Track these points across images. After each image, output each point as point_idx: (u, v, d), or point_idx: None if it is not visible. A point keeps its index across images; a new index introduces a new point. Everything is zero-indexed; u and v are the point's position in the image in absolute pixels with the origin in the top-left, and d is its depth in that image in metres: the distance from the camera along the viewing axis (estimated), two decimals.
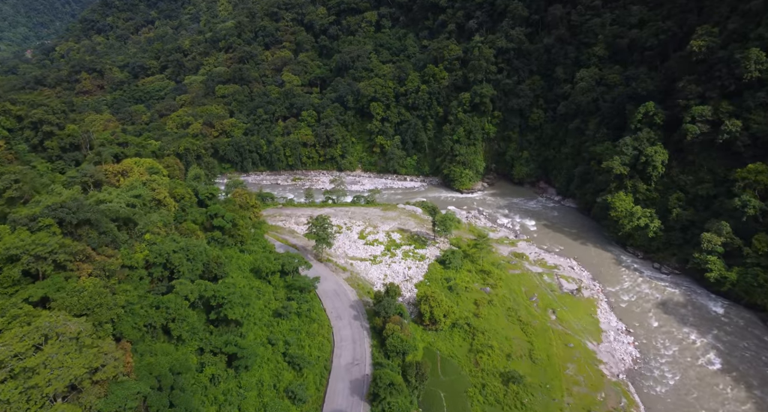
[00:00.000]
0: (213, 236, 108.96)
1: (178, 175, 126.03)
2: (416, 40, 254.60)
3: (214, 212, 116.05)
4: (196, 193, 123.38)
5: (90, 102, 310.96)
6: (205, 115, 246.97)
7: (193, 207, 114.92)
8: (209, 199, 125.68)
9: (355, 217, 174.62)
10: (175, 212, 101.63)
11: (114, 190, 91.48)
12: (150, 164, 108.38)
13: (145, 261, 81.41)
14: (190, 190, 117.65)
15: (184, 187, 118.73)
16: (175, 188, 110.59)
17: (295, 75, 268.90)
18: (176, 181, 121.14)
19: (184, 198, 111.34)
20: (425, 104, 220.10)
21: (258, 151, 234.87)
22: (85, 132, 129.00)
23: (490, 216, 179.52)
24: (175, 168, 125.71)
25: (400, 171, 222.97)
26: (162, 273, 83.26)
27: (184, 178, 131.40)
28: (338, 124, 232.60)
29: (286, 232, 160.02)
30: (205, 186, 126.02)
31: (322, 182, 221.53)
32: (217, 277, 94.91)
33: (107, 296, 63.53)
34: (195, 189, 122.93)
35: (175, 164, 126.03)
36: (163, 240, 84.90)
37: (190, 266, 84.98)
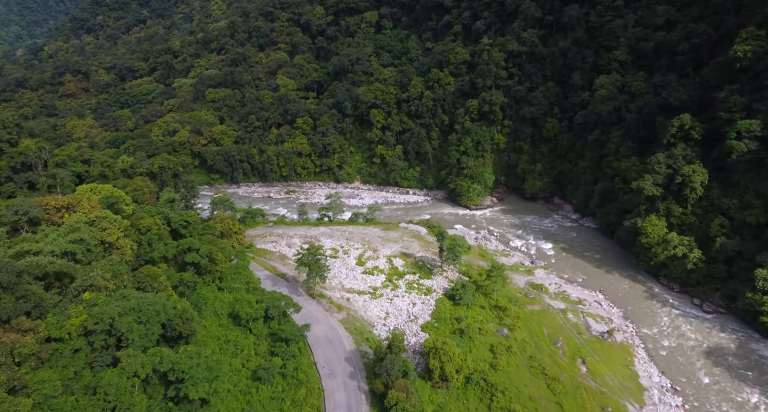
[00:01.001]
0: (183, 279, 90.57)
1: (149, 199, 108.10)
2: (419, 42, 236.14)
3: (187, 246, 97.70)
4: (168, 221, 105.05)
5: (73, 106, 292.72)
6: (193, 122, 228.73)
7: (162, 240, 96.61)
8: (184, 227, 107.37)
9: (353, 238, 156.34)
10: (134, 253, 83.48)
11: (53, 230, 73.41)
12: (109, 192, 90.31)
13: (83, 328, 63.11)
14: (160, 219, 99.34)
15: (153, 215, 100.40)
16: (140, 219, 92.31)
17: (290, 79, 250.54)
18: (144, 208, 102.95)
19: (151, 230, 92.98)
20: (429, 112, 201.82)
21: (249, 161, 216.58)
22: (40, 149, 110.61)
23: (502, 237, 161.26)
24: (144, 191, 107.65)
25: (402, 184, 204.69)
26: (106, 341, 64.93)
27: (156, 203, 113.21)
28: (336, 132, 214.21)
29: (276, 257, 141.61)
30: (179, 212, 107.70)
31: (317, 195, 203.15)
32: (182, 335, 76.62)
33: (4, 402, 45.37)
34: (167, 217, 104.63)
35: (144, 187, 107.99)
36: (108, 299, 66.63)
37: (143, 330, 66.70)
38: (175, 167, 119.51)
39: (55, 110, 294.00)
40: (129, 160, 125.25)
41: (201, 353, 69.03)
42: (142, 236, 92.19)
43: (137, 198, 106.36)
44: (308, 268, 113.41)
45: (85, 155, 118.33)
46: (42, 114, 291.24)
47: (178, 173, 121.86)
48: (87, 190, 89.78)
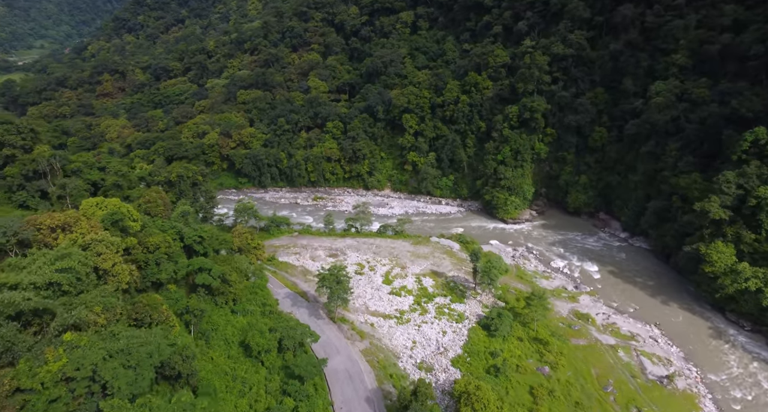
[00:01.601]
0: (189, 307, 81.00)
1: (162, 212, 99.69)
2: (456, 43, 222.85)
3: (198, 267, 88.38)
4: (182, 236, 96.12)
5: (109, 105, 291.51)
6: (223, 124, 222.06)
7: (173, 259, 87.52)
8: (198, 242, 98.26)
9: (380, 252, 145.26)
10: (134, 278, 74.41)
11: (41, 255, 64.84)
12: (115, 207, 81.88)
13: (62, 374, 53.94)
14: (171, 235, 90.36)
15: (165, 230, 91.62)
16: (149, 237, 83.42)
17: (322, 80, 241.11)
18: (156, 223, 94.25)
19: (160, 248, 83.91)
20: (465, 118, 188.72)
21: (277, 166, 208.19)
22: (53, 156, 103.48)
23: (542, 256, 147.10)
24: (157, 203, 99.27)
25: (434, 193, 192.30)
26: (90, 387, 55.62)
27: (171, 215, 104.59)
28: (366, 137, 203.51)
29: (298, 273, 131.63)
30: (194, 226, 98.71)
31: (346, 203, 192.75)
32: (182, 375, 66.94)
33: None
34: (180, 232, 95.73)
35: (158, 198, 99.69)
36: (93, 339, 57.30)
37: (132, 376, 57.08)
38: (194, 176, 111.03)
39: (92, 109, 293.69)
40: (148, 168, 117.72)
41: (197, 405, 59.04)
42: (149, 254, 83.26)
43: (150, 211, 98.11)
44: (329, 290, 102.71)
45: (102, 162, 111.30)
46: (79, 113, 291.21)
47: (197, 182, 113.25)
48: (93, 205, 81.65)
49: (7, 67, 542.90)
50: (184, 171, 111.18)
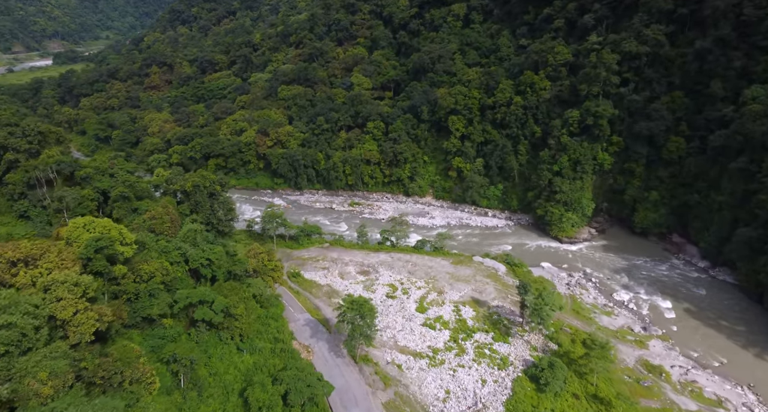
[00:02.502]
0: (175, 356, 67.19)
1: (168, 229, 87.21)
2: (512, 38, 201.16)
3: (198, 299, 74.80)
4: (186, 259, 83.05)
5: (154, 98, 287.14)
6: (261, 121, 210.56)
7: (173, 288, 74.47)
8: (206, 266, 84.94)
9: (416, 272, 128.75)
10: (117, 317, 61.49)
11: None
12: (104, 228, 69.46)
13: None
14: (175, 258, 77.34)
15: (168, 252, 78.76)
16: (142, 264, 70.59)
17: (365, 76, 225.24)
18: (160, 244, 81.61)
19: (155, 277, 70.86)
20: (518, 121, 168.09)
21: (314, 167, 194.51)
22: (57, 163, 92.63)
23: (602, 285, 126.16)
24: (163, 220, 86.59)
25: (480, 203, 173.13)
26: None
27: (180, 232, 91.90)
28: (409, 139, 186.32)
29: (323, 294, 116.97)
30: (203, 247, 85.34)
31: (383, 211, 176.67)
32: None
33: None
34: (185, 254, 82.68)
35: (165, 214, 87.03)
36: None
37: None
38: (211, 186, 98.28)
39: (139, 102, 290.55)
40: (165, 175, 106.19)
41: None
42: (143, 284, 70.35)
43: (155, 228, 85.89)
44: (351, 326, 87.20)
45: (114, 168, 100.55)
46: (127, 105, 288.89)
47: (214, 192, 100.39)
48: (80, 226, 69.63)
49: (73, 57, 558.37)
50: (200, 180, 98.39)
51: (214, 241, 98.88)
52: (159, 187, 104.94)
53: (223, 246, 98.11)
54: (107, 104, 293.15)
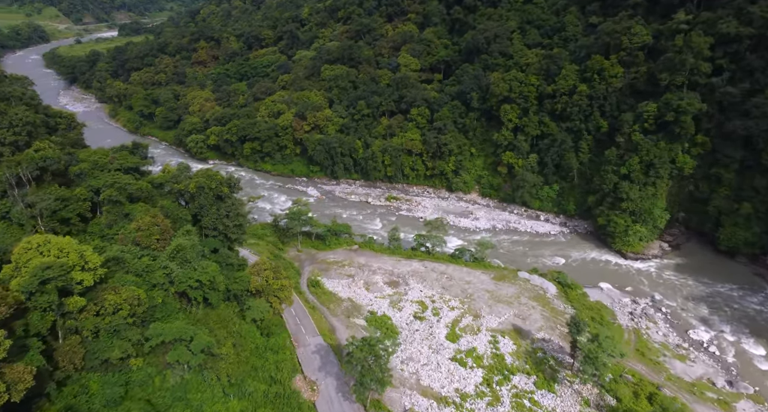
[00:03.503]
0: None
1: (155, 243, 74.44)
2: (581, 16, 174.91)
3: (173, 337, 62.03)
4: (172, 280, 70.49)
5: (199, 75, 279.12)
6: (300, 103, 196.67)
7: (147, 320, 62.17)
8: (196, 288, 72.04)
9: (451, 287, 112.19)
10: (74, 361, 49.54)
11: None
12: (60, 250, 57.43)
13: None
14: (154, 281, 64.88)
15: (146, 274, 66.40)
16: (106, 294, 58.46)
17: (413, 57, 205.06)
18: (141, 262, 69.44)
19: (121, 310, 58.67)
20: (581, 114, 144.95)
21: (352, 155, 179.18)
22: (44, 159, 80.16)
23: (675, 317, 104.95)
24: (151, 232, 73.97)
25: (531, 204, 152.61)
26: None
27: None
28: (455, 129, 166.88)
29: (342, 310, 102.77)
30: (196, 265, 72.49)
31: (423, 208, 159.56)
32: None
33: None
34: (170, 276, 70.10)
35: (153, 225, 74.15)
36: None
37: None
38: (218, 187, 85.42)
39: (185, 78, 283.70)
40: (171, 171, 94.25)
41: None
42: (106, 318, 58.28)
43: (141, 242, 73.92)
44: (360, 368, 72.37)
45: (114, 163, 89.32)
46: (173, 81, 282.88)
47: (221, 195, 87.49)
48: (32, 247, 58.07)
49: (137, 29, 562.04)
50: (205, 180, 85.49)
51: (218, 251, 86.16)
52: (162, 186, 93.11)
53: (226, 258, 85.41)
54: (155, 79, 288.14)
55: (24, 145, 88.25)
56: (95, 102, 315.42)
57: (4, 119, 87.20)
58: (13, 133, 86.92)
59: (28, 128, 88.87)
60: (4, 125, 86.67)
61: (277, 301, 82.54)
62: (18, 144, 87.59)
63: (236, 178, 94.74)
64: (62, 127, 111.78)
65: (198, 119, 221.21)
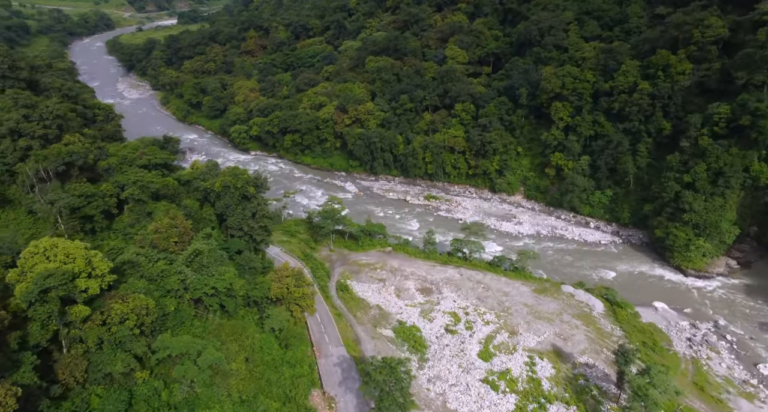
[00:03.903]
0: None
1: (174, 245, 71.08)
2: (646, 6, 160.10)
3: (180, 351, 58.38)
4: (186, 287, 67.10)
5: (247, 65, 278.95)
6: (342, 96, 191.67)
7: (156, 330, 58.96)
8: (212, 295, 68.37)
9: (486, 299, 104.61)
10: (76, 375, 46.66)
11: None
12: (66, 256, 54.53)
13: None
14: (169, 287, 61.57)
15: (161, 280, 63.18)
16: (114, 303, 55.40)
17: (461, 48, 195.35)
18: (156, 267, 66.39)
19: (127, 321, 55.53)
20: (641, 113, 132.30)
21: (392, 151, 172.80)
22: (69, 154, 78.28)
23: (742, 347, 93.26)
24: (170, 234, 70.54)
25: (581, 210, 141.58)
26: None
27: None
28: (501, 127, 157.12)
29: (370, 318, 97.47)
30: (210, 271, 68.87)
31: (463, 209, 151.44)
32: None
33: None
34: (185, 283, 66.65)
35: (171, 226, 70.64)
36: None
37: None
38: (244, 187, 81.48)
39: (233, 67, 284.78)
40: (200, 168, 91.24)
41: None
42: (114, 327, 55.24)
43: (158, 244, 70.85)
44: (380, 392, 66.69)
45: (143, 159, 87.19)
46: (222, 70, 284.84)
47: (247, 194, 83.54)
48: (39, 251, 55.52)
49: (194, 17, 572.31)
50: (231, 180, 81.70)
51: (242, 252, 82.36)
52: (189, 183, 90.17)
53: (249, 261, 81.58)
54: (204, 68, 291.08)
55: (54, 138, 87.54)
56: (149, 89, 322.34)
57: (35, 112, 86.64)
58: (43, 127, 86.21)
59: (58, 122, 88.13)
60: (35, 118, 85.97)
61: (298, 309, 77.97)
62: (48, 137, 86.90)
63: (263, 178, 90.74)
64: (100, 119, 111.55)
65: (242, 109, 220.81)
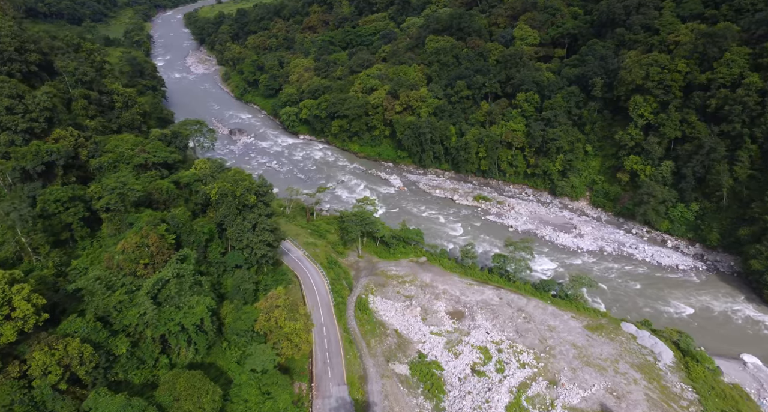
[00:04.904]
0: None
1: (141, 268, 61.33)
2: None
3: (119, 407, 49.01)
4: (147, 322, 57.65)
5: (306, 41, 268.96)
6: (395, 79, 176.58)
7: (104, 382, 50.06)
8: (177, 333, 58.67)
9: (527, 333, 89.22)
10: None
11: None
12: None
13: None
14: (128, 322, 52.62)
15: (114, 315, 54.19)
16: (35, 349, 46.88)
17: (533, 28, 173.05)
18: (113, 298, 57.28)
19: (49, 374, 46.85)
20: (746, 113, 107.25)
21: (443, 143, 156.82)
22: (48, 152, 70.03)
23: None
24: (141, 255, 60.48)
25: (657, 225, 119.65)
26: None
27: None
28: (568, 121, 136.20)
29: (384, 349, 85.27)
30: (177, 303, 58.89)
31: (515, 215, 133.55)
32: None
33: None
34: (145, 316, 57.32)
35: (138, 248, 60.28)
36: None
37: None
38: (244, 195, 70.74)
39: (293, 43, 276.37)
40: (204, 168, 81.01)
41: None
42: (34, 383, 46.73)
43: (124, 267, 61.28)
44: None
45: (141, 156, 78.55)
46: (282, 47, 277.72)
47: (246, 204, 72.89)
48: None
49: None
50: (230, 186, 71.46)
51: (241, 267, 72.31)
52: (188, 186, 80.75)
53: (241, 282, 71.28)
54: (266, 44, 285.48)
55: (41, 132, 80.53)
56: (215, 64, 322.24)
57: (20, 104, 79.09)
58: (29, 120, 78.84)
59: (46, 114, 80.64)
60: (19, 111, 78.37)
61: (289, 346, 66.94)
62: (34, 131, 79.75)
63: (268, 185, 79.15)
64: (118, 105, 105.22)
65: (294, 90, 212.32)
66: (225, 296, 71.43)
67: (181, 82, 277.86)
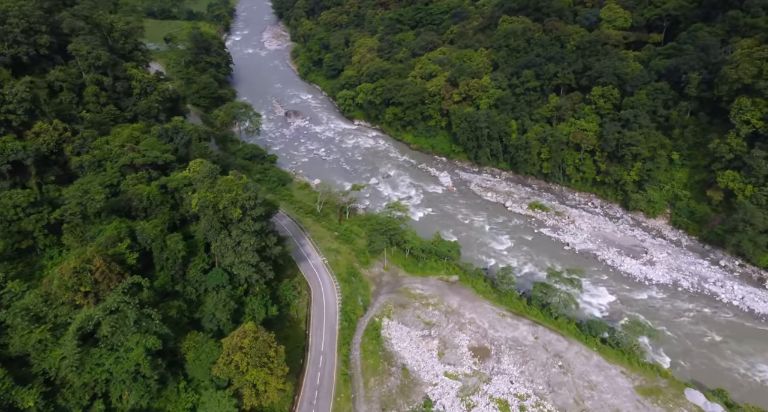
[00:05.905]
0: None
1: (80, 297, 53.21)
2: None
3: None
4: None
5: (375, 19, 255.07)
6: (458, 65, 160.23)
7: None
8: (105, 381, 51.19)
9: (561, 386, 74.72)
10: None
11: None
12: None
13: None
14: (8, 385, 45.82)
15: (32, 363, 47.36)
16: None
17: (626, 8, 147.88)
18: (39, 332, 49.96)
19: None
20: None
21: (502, 140, 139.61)
22: (17, 149, 63.59)
23: None
24: (80, 280, 51.78)
25: (753, 258, 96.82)
26: None
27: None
28: (651, 124, 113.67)
29: (384, 392, 74.51)
30: (108, 345, 51.11)
31: (575, 230, 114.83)
32: None
33: None
34: (66, 363, 50.09)
35: (76, 276, 51.61)
36: None
37: None
38: (228, 208, 61.09)
39: (363, 20, 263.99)
40: (197, 169, 71.78)
41: None
42: None
43: (59, 296, 53.02)
44: None
45: (128, 156, 71.17)
46: (352, 24, 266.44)
47: (232, 219, 63.46)
48: None
49: None
50: (212, 198, 62.67)
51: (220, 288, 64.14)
52: (176, 192, 72.72)
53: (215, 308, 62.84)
54: (337, 20, 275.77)
55: (20, 125, 75.24)
56: (288, 40, 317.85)
57: None
58: (6, 111, 73.36)
59: (25, 105, 74.73)
60: None
61: (252, 395, 57.25)
62: (11, 124, 74.72)
63: (262, 200, 68.66)
64: (136, 92, 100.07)
65: (354, 72, 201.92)
66: (201, 321, 64.17)
67: (252, 58, 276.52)
